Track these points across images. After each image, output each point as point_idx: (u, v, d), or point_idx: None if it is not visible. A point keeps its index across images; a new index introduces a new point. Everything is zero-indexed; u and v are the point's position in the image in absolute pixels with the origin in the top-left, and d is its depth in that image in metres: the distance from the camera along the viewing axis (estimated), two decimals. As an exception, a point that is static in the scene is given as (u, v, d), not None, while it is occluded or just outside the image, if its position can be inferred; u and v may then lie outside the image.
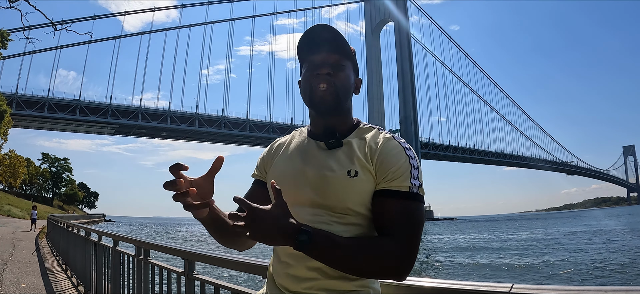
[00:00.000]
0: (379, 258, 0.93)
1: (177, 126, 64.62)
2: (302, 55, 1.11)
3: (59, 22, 12.71)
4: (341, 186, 1.00)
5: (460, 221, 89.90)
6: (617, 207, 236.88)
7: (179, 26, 72.50)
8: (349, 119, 1.12)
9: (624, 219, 55.98)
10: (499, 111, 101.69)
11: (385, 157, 1.01)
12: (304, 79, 1.10)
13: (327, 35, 1.07)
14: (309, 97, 1.08)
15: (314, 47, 1.08)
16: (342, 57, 1.08)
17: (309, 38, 1.08)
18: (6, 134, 35.27)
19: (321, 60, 1.06)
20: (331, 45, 1.07)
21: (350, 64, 1.11)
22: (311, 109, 1.11)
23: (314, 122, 1.13)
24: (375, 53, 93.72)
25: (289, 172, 1.09)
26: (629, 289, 0.78)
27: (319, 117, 1.10)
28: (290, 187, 1.05)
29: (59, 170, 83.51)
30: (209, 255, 1.96)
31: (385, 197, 0.98)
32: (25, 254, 10.13)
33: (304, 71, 1.10)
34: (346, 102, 1.10)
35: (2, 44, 20.94)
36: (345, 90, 1.08)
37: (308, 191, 1.04)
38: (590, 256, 18.04)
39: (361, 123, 1.13)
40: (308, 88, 1.08)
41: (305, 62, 1.10)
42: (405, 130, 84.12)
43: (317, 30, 1.07)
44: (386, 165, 1.00)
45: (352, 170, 1.00)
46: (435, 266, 16.98)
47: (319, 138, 1.10)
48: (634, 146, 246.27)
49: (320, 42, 1.07)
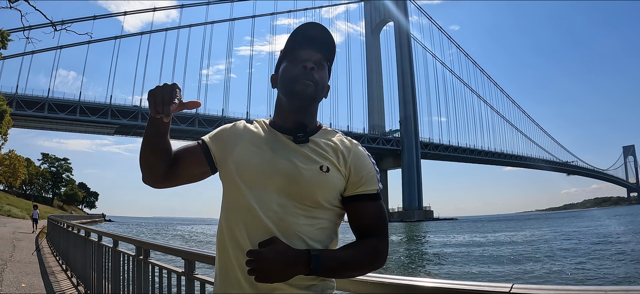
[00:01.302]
0: (375, 259, 1.04)
1: (177, 126, 64.62)
2: (287, 48, 1.12)
3: (59, 22, 12.71)
4: (313, 179, 1.03)
5: (461, 221, 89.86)
6: (617, 207, 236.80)
7: (179, 26, 72.59)
8: (315, 119, 1.16)
9: (624, 219, 56.00)
10: (499, 111, 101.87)
11: (358, 162, 1.09)
12: (286, 70, 1.10)
13: (315, 33, 1.10)
14: (289, 88, 1.09)
15: (302, 42, 1.10)
16: (324, 57, 1.11)
17: (298, 34, 1.10)
18: (6, 134, 35.27)
19: (307, 55, 1.09)
20: (318, 43, 1.10)
21: (328, 67, 1.14)
22: (288, 101, 1.11)
23: (283, 116, 1.13)
24: (375, 53, 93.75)
25: (257, 159, 1.08)
26: (629, 289, 0.78)
27: (291, 112, 1.11)
28: (257, 174, 1.06)
29: (59, 170, 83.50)
30: (209, 255, 1.96)
31: (362, 201, 1.07)
32: (25, 254, 10.13)
33: (287, 63, 1.11)
34: (319, 101, 1.13)
35: (2, 44, 20.94)
36: (322, 89, 1.12)
37: (277, 180, 1.04)
38: (590, 255, 18.05)
39: (323, 125, 1.17)
40: (290, 79, 1.09)
41: (289, 55, 1.11)
42: (405, 130, 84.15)
43: (306, 27, 1.10)
44: (359, 169, 1.08)
45: (324, 166, 1.05)
46: (435, 266, 16.98)
47: (285, 132, 1.11)
48: (634, 146, 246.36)
49: (308, 38, 1.10)
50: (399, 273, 15.04)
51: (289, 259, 0.94)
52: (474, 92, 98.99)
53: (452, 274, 14.84)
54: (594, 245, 22.38)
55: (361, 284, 1.19)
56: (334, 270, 1.00)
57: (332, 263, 0.98)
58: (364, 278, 1.17)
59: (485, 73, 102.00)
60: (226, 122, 1.13)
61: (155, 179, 1.16)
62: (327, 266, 0.97)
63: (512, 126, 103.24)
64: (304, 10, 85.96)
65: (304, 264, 0.94)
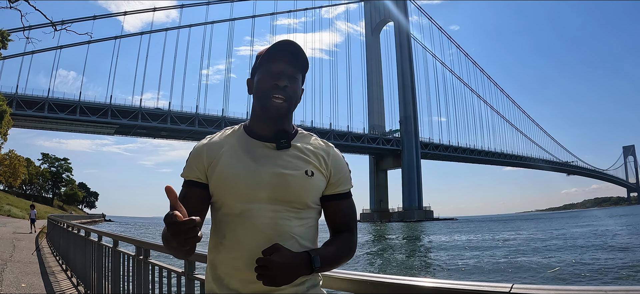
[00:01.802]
0: (351, 251, 1.20)
1: (177, 126, 64.65)
2: (263, 59, 1.18)
3: (59, 22, 12.72)
4: (301, 184, 1.13)
5: (460, 221, 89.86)
6: (617, 208, 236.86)
7: (179, 26, 72.57)
8: (291, 124, 1.23)
9: (624, 220, 56.01)
10: (499, 111, 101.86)
11: (337, 164, 1.21)
12: (260, 84, 1.17)
13: (289, 48, 1.16)
14: (263, 103, 1.16)
15: (276, 56, 1.16)
16: (296, 70, 1.19)
17: (273, 48, 1.17)
18: (6, 134, 35.28)
19: (279, 71, 1.15)
20: (290, 58, 1.17)
21: (302, 77, 1.22)
22: (262, 113, 1.18)
23: (260, 125, 1.19)
24: (375, 53, 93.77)
25: (241, 171, 1.13)
26: (629, 289, 0.78)
27: (269, 122, 1.18)
28: (243, 186, 1.12)
29: (59, 170, 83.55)
30: (209, 255, 1.95)
31: (338, 199, 1.20)
32: (25, 254, 10.13)
33: (261, 74, 1.17)
34: (293, 111, 1.22)
35: (2, 44, 20.96)
36: (295, 101, 1.20)
37: (265, 189, 1.11)
38: (590, 255, 18.05)
39: (298, 129, 1.25)
40: (263, 94, 1.16)
41: (263, 66, 1.18)
42: (405, 130, 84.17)
43: (280, 42, 1.17)
44: (337, 171, 1.21)
45: (309, 170, 1.15)
46: (435, 266, 16.99)
47: (265, 139, 1.18)
48: (634, 146, 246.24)
49: (282, 53, 1.16)
50: (399, 273, 15.05)
51: (296, 263, 1.03)
52: (474, 92, 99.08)
53: (452, 274, 14.85)
54: (594, 245, 22.38)
55: (361, 284, 1.20)
56: (326, 267, 1.12)
57: (326, 260, 1.10)
58: (364, 277, 1.18)
59: (485, 73, 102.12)
60: (226, 122, 1.12)
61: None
62: (323, 264, 1.09)
63: (512, 126, 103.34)
64: (304, 10, 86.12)
65: (306, 265, 1.05)
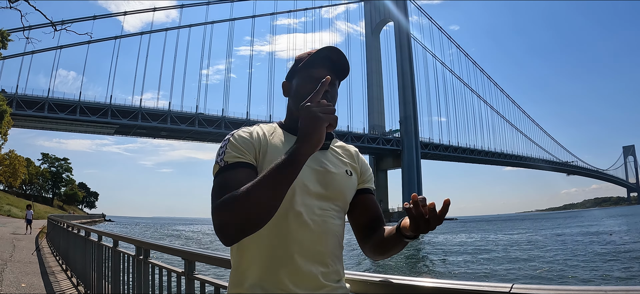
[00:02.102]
0: None
1: (177, 126, 64.60)
2: (304, 65, 1.16)
3: (59, 22, 12.72)
4: (344, 182, 1.17)
5: (460, 221, 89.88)
6: (617, 208, 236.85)
7: (179, 26, 72.49)
8: None
9: (624, 220, 55.99)
10: (499, 111, 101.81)
11: (363, 164, 1.28)
12: (301, 87, 1.15)
13: (331, 56, 1.15)
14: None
15: (317, 63, 1.15)
16: (338, 79, 1.19)
17: (319, 55, 1.15)
18: (6, 134, 35.29)
19: (320, 77, 1.10)
20: (332, 66, 1.16)
21: (338, 83, 1.21)
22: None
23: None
24: (375, 53, 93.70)
25: None
26: (629, 289, 0.78)
27: None
28: (299, 185, 1.09)
29: (59, 170, 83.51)
30: (209, 255, 1.96)
31: (368, 194, 1.25)
32: (25, 254, 10.13)
33: (301, 80, 1.16)
34: None
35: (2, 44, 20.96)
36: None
37: (315, 185, 1.11)
38: (590, 255, 18.05)
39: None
40: (304, 98, 1.04)
41: (303, 72, 1.16)
42: (405, 130, 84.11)
43: (324, 50, 1.15)
44: (365, 170, 1.27)
45: (348, 170, 1.20)
46: (435, 266, 16.98)
47: None
48: (634, 146, 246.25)
49: (324, 60, 1.15)
50: (399, 273, 15.05)
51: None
52: (474, 92, 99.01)
53: (452, 274, 14.84)
54: (594, 245, 22.39)
55: (361, 284, 1.20)
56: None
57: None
58: (364, 277, 1.19)
59: (485, 73, 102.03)
60: (226, 123, 1.11)
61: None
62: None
63: (512, 126, 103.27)
64: (304, 10, 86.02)
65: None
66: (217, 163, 1.07)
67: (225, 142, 1.10)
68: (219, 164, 1.06)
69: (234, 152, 1.07)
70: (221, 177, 1.03)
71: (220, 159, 1.07)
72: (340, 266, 1.14)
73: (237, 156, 1.06)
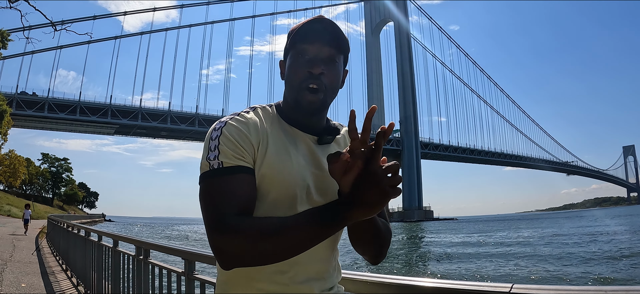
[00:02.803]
0: (390, 232, 1.12)
1: (177, 126, 64.64)
2: (294, 40, 1.01)
3: (59, 22, 12.72)
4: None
5: (460, 221, 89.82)
6: (617, 207, 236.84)
7: (179, 26, 72.67)
8: (326, 116, 1.10)
9: (624, 220, 56.00)
10: (499, 111, 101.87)
11: None
12: (293, 70, 1.00)
13: (322, 27, 0.99)
14: (296, 96, 1.00)
15: (309, 36, 0.99)
16: (336, 51, 1.00)
17: (304, 27, 1.00)
18: (6, 134, 35.30)
19: (314, 53, 0.98)
20: (326, 37, 0.99)
21: (343, 58, 1.04)
22: (296, 106, 1.02)
23: (296, 111, 1.03)
24: (375, 53, 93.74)
25: (297, 171, 0.99)
26: (629, 289, 0.77)
27: (304, 115, 1.04)
28: (303, 189, 0.99)
29: (59, 170, 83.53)
30: (209, 255, 1.95)
31: None
32: (25, 254, 10.12)
33: (293, 59, 1.01)
34: (329, 104, 1.05)
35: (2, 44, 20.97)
36: (333, 90, 1.02)
37: (316, 194, 1.01)
38: (590, 255, 18.05)
39: (329, 121, 1.12)
40: (296, 84, 0.99)
41: (295, 48, 1.00)
42: (405, 130, 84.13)
43: (313, 21, 1.01)
44: None
45: None
46: (435, 266, 16.98)
47: (304, 129, 1.04)
48: (634, 146, 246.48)
49: (316, 32, 0.99)
50: (399, 273, 15.04)
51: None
52: (474, 92, 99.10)
53: (452, 274, 14.84)
54: (594, 245, 22.39)
55: (361, 284, 1.19)
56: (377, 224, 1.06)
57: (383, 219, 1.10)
58: (364, 277, 1.18)
59: (485, 73, 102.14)
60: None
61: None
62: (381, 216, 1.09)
63: (512, 126, 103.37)
64: (304, 10, 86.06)
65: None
66: (208, 161, 0.92)
67: (217, 134, 0.94)
68: (212, 163, 0.91)
69: (230, 151, 0.92)
70: (217, 184, 0.89)
71: (213, 157, 0.91)
72: (336, 273, 1.11)
73: (236, 157, 0.92)
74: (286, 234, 0.81)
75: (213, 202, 0.87)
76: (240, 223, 0.83)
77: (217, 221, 0.84)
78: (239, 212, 0.86)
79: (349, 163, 0.82)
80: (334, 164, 0.83)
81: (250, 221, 0.84)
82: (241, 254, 0.82)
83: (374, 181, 0.78)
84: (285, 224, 0.82)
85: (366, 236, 1.00)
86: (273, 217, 0.86)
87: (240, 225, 0.83)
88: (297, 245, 0.82)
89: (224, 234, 0.83)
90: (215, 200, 0.87)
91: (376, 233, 1.01)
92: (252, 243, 0.81)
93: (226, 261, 0.83)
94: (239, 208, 0.86)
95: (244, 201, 0.88)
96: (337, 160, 0.83)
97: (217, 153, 0.91)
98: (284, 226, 0.82)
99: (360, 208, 0.79)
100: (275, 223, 0.83)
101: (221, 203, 0.86)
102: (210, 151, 0.92)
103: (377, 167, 0.79)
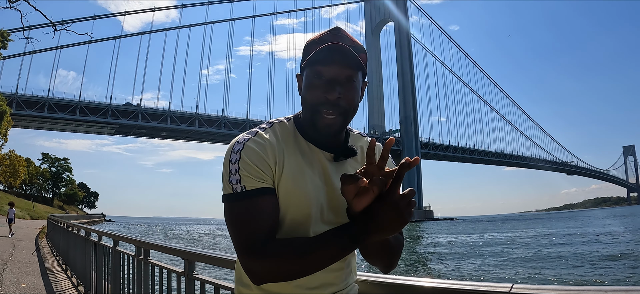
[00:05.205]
0: (402, 244, 1.14)
1: (177, 126, 64.65)
2: (311, 60, 0.98)
3: (58, 22, 12.72)
4: None
5: (460, 221, 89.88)
6: (617, 207, 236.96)
7: (179, 26, 72.67)
8: (345, 131, 1.10)
9: (624, 220, 55.98)
10: (499, 111, 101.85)
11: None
12: (310, 93, 0.98)
13: (338, 47, 0.96)
14: (313, 118, 0.99)
15: (325, 58, 0.96)
16: (354, 71, 0.98)
17: (321, 50, 0.97)
18: (6, 134, 35.28)
19: (331, 75, 0.96)
20: (343, 59, 0.96)
21: (361, 74, 1.02)
22: (312, 126, 1.01)
23: (313, 128, 1.02)
24: (375, 53, 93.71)
25: (312, 192, 1.01)
26: (629, 289, 0.77)
27: (322, 135, 1.03)
28: (318, 208, 1.02)
29: (59, 170, 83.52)
30: (209, 255, 1.96)
31: None
32: (25, 254, 10.13)
33: (309, 80, 0.99)
34: (350, 121, 1.05)
35: (2, 44, 20.98)
36: (353, 110, 1.01)
37: (329, 213, 1.04)
38: (590, 255, 18.04)
39: (350, 131, 1.13)
40: (311, 106, 0.99)
41: (312, 68, 0.98)
42: (405, 130, 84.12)
43: (329, 40, 0.99)
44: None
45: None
46: (435, 266, 16.98)
47: (321, 146, 1.05)
48: (634, 146, 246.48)
49: (332, 53, 0.95)
50: (399, 273, 15.03)
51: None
52: (474, 92, 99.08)
53: (452, 274, 14.84)
54: (594, 245, 22.39)
55: (361, 284, 1.19)
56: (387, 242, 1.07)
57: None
58: (364, 277, 1.18)
59: (485, 73, 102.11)
60: (226, 123, 1.08)
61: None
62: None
63: (512, 126, 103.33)
64: (304, 10, 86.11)
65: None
66: (231, 185, 0.95)
67: (237, 157, 0.95)
68: (234, 187, 0.94)
69: (251, 176, 0.94)
70: (243, 208, 0.93)
71: (235, 181, 0.94)
72: (351, 276, 1.13)
73: (257, 181, 0.94)
74: (312, 256, 0.89)
75: (242, 226, 0.92)
76: (272, 248, 0.90)
77: (249, 246, 0.90)
78: (267, 235, 0.92)
79: (366, 188, 0.85)
80: (348, 186, 0.86)
81: (280, 246, 0.91)
82: (272, 275, 0.90)
83: (394, 210, 0.83)
84: (312, 248, 0.89)
85: (377, 251, 1.03)
86: (298, 239, 0.93)
87: (272, 250, 0.90)
88: (319, 265, 0.90)
89: (257, 258, 0.90)
90: (244, 224, 0.92)
91: (387, 246, 1.03)
92: (282, 266, 0.89)
93: (258, 280, 0.91)
94: (267, 231, 0.92)
95: (270, 223, 0.94)
96: (352, 182, 0.85)
97: (238, 178, 0.94)
98: (311, 250, 0.89)
99: (377, 233, 0.85)
100: (303, 247, 0.90)
101: (250, 227, 0.92)
102: (231, 175, 0.95)
103: (399, 198, 0.83)
